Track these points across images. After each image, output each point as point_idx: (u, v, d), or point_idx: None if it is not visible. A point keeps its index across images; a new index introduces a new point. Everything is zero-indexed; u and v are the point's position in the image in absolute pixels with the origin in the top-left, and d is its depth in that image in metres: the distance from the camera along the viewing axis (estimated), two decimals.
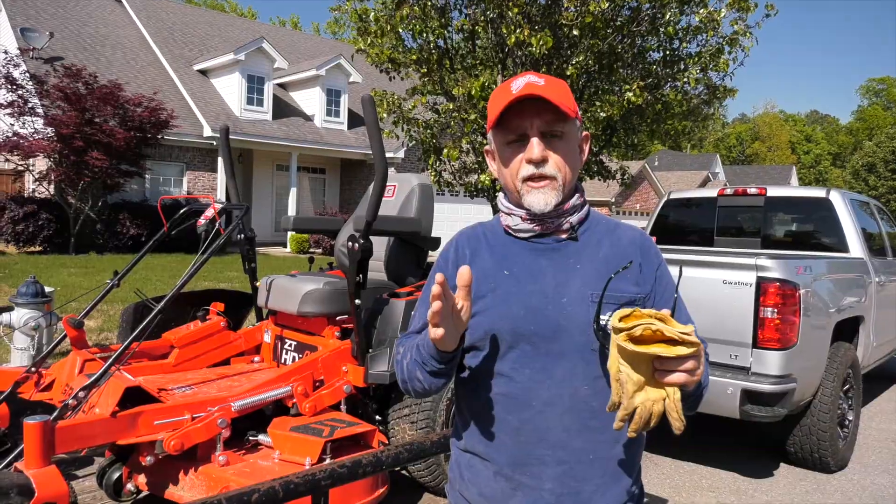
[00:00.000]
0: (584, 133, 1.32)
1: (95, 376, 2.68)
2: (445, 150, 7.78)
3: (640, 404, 1.03)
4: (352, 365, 3.17)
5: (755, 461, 4.23)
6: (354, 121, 20.66)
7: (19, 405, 3.13)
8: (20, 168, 14.38)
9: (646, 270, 1.26)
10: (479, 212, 20.52)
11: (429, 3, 7.45)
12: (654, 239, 1.39)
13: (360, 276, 3.05)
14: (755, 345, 3.55)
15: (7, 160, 13.97)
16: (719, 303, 3.62)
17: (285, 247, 18.56)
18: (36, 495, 2.15)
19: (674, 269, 1.31)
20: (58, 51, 16.83)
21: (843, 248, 4.82)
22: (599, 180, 10.10)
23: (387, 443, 3.11)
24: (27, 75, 13.99)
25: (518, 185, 1.24)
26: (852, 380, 4.26)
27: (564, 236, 1.27)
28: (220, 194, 17.16)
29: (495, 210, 8.51)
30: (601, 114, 7.63)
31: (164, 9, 21.88)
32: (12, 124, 13.57)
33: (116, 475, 2.73)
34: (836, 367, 3.97)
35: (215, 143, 16.94)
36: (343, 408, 3.18)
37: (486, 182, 8.09)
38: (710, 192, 5.64)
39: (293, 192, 18.74)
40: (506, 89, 1.21)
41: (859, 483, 3.92)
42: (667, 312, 1.04)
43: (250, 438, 2.92)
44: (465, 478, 1.30)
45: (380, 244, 3.54)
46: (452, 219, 19.62)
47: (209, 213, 3.49)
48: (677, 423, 1.04)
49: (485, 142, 7.94)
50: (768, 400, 3.50)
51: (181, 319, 3.78)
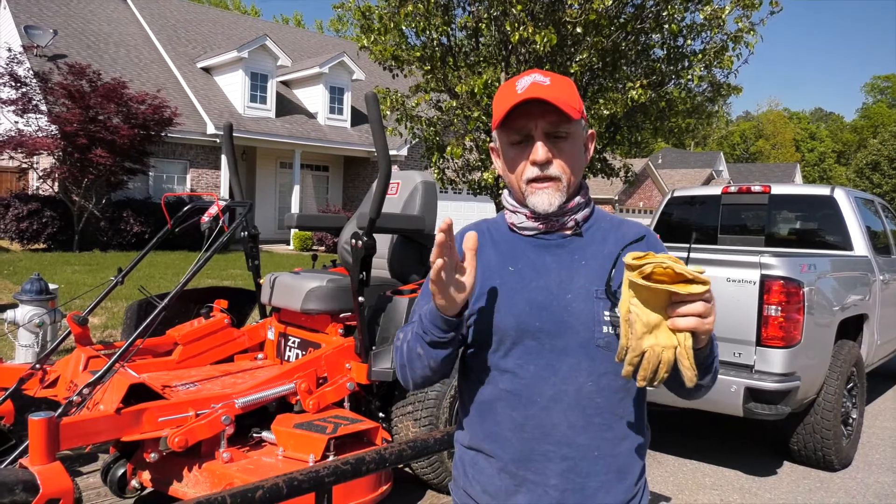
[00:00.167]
0: (590, 132, 1.31)
1: (100, 373, 2.69)
2: (449, 148, 7.77)
3: (649, 348, 1.00)
4: (355, 362, 3.17)
5: (758, 459, 4.22)
6: (358, 118, 20.67)
7: (24, 402, 3.15)
8: (24, 165, 14.42)
9: None
10: (482, 209, 20.53)
11: (432, 1, 7.43)
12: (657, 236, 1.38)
13: (364, 273, 3.05)
14: (759, 342, 3.54)
15: (11, 158, 14.00)
16: (723, 300, 3.60)
17: (289, 244, 18.58)
18: (41, 491, 2.16)
19: None
20: (61, 48, 16.86)
21: (848, 245, 4.81)
22: (603, 178, 10.07)
23: (390, 440, 3.12)
24: (31, 73, 14.01)
25: (522, 186, 1.24)
26: (856, 378, 4.25)
27: (569, 233, 1.27)
28: (224, 192, 17.19)
29: (499, 208, 8.51)
30: (605, 111, 7.60)
31: (167, 6, 21.91)
32: (16, 122, 13.60)
33: (121, 472, 2.74)
34: (839, 365, 3.96)
35: (219, 141, 16.96)
36: (346, 405, 3.19)
37: (490, 180, 8.07)
38: (714, 190, 5.63)
39: (296, 189, 18.76)
40: (511, 89, 1.20)
41: (863, 481, 3.91)
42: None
43: (254, 435, 2.93)
44: (469, 475, 1.29)
45: (383, 242, 3.55)
46: (455, 216, 19.61)
47: (213, 210, 3.50)
48: (689, 373, 1.00)
49: (488, 139, 7.93)
50: (772, 398, 3.49)
51: (185, 316, 3.80)
